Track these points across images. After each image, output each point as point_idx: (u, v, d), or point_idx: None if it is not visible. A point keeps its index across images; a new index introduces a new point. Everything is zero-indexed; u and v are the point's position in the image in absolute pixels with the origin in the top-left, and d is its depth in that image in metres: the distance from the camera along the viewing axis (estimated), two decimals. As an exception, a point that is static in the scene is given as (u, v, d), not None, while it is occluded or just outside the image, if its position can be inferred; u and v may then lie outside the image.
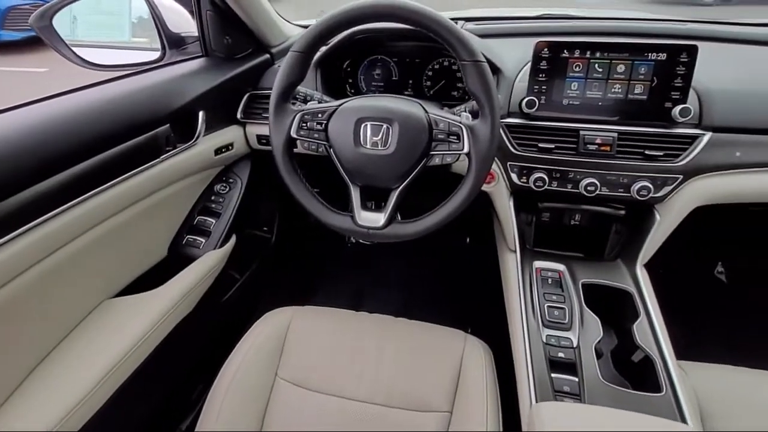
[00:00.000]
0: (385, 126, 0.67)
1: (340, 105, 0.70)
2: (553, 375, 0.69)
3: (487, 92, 0.63)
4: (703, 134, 0.76)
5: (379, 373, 0.78)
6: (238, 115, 0.99)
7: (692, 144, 0.77)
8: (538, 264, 0.86)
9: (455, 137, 0.66)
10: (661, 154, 0.77)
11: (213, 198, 1.00)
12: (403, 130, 0.67)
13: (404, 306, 1.44)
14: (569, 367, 0.70)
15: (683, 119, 0.74)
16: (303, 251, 1.63)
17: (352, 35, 0.87)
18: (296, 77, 0.68)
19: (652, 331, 0.74)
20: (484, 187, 0.89)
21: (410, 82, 1.02)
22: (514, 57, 0.89)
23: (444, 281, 1.56)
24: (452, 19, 1.14)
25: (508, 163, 0.84)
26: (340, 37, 0.88)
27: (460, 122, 0.66)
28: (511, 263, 0.89)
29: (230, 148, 0.98)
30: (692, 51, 0.73)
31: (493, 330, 0.92)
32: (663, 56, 0.74)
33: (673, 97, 0.75)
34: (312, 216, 0.74)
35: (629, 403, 0.64)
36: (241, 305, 1.19)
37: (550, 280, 0.84)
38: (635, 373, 0.72)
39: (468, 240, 1.67)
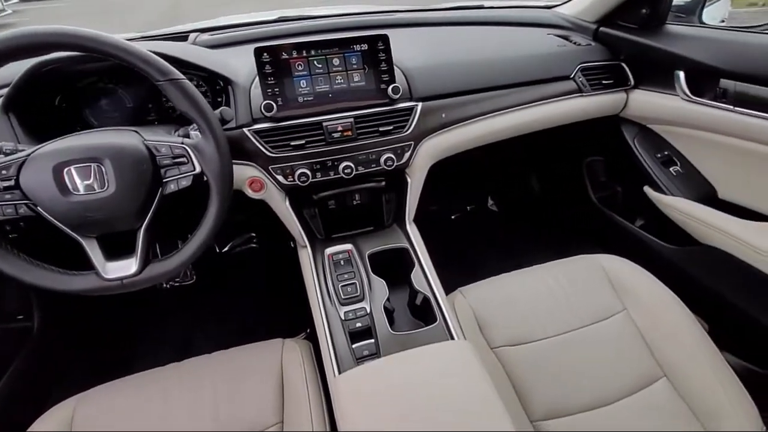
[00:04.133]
0: (94, 165, 0.59)
1: (29, 154, 0.59)
2: (354, 345, 0.75)
3: (196, 108, 0.62)
4: (416, 105, 0.92)
5: (200, 419, 0.73)
6: None
7: (411, 115, 0.92)
8: (329, 250, 0.92)
9: (183, 159, 0.64)
10: (392, 128, 0.90)
11: None
12: (119, 165, 0.60)
13: (240, 331, 1.37)
14: (367, 332, 0.77)
15: (397, 96, 0.88)
16: (102, 319, 1.37)
17: (38, 68, 0.74)
18: None
19: (425, 275, 0.88)
20: (257, 196, 0.90)
21: (150, 105, 0.93)
22: (248, 64, 0.90)
23: (276, 291, 1.54)
24: (186, 32, 1.11)
25: (270, 167, 0.86)
26: (22, 72, 0.73)
27: (182, 143, 0.63)
28: (304, 258, 0.93)
29: None
30: (385, 39, 0.86)
31: None
32: (365, 46, 0.86)
33: (384, 79, 0.88)
34: (45, 289, 0.62)
35: (416, 340, 0.75)
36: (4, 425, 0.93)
37: (342, 262, 0.90)
38: (423, 313, 0.85)
39: (292, 244, 1.68)
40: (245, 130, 0.83)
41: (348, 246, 0.93)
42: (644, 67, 1.12)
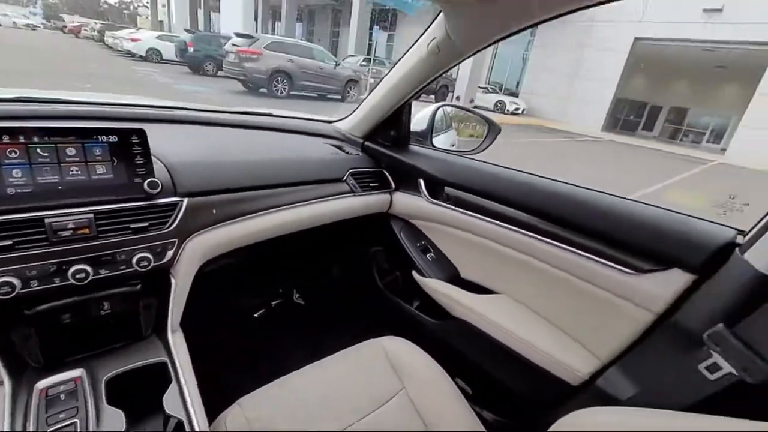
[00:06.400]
0: None
1: None
2: None
3: None
4: (182, 200, 0.86)
5: None
6: None
7: (175, 210, 0.85)
8: (44, 383, 0.69)
9: None
10: (147, 224, 0.81)
11: None
12: None
13: None
14: None
15: (155, 191, 0.81)
16: None
17: None
18: None
19: (182, 393, 0.75)
20: None
21: None
22: None
23: None
24: None
25: None
26: None
27: None
28: (-2, 401, 0.67)
29: None
30: (141, 133, 0.81)
31: None
32: (115, 138, 0.78)
33: (140, 173, 0.81)
34: None
35: None
36: None
37: (62, 396, 0.69)
38: None
39: None
40: None
41: (76, 372, 0.72)
42: (399, 174, 1.39)
